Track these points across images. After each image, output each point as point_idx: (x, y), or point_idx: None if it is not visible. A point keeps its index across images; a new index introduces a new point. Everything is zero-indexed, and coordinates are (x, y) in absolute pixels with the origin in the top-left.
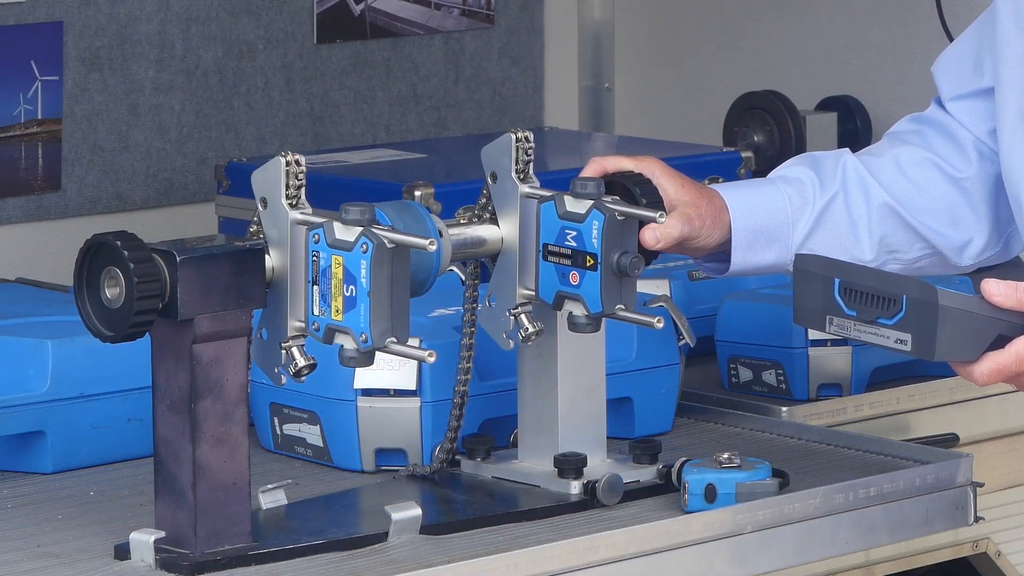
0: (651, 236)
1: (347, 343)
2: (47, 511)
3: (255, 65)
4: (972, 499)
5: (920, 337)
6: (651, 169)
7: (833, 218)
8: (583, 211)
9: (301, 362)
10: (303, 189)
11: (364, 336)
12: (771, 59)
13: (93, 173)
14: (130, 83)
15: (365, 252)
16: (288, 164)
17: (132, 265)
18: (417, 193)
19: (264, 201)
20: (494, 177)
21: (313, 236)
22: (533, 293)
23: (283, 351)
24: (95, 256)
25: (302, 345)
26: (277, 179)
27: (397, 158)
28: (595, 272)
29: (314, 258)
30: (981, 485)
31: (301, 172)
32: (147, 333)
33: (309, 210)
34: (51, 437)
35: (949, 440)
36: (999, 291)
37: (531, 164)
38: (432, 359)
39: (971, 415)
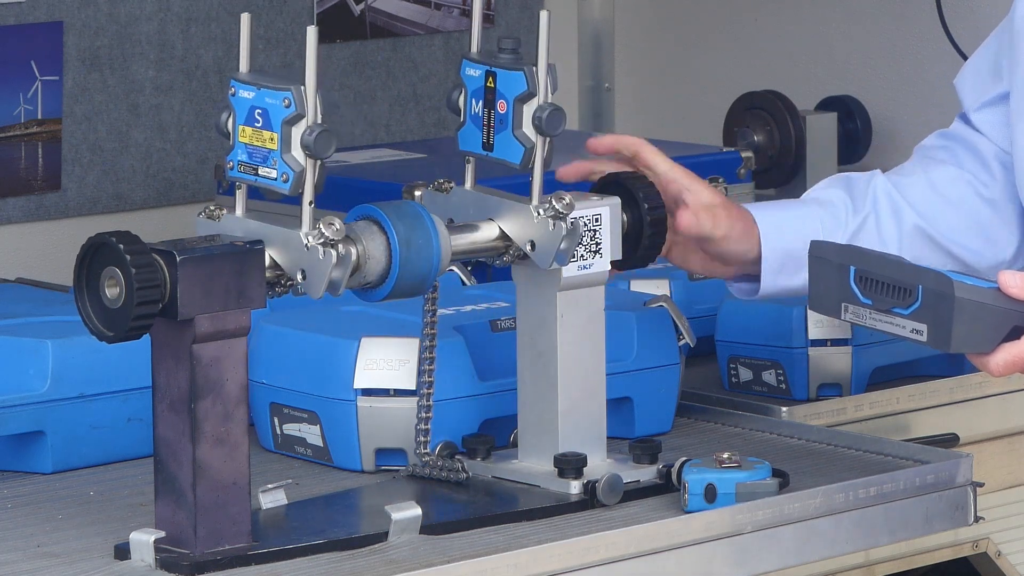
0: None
1: (296, 131)
2: (47, 511)
3: (255, 65)
4: (972, 499)
5: (936, 328)
6: (683, 175)
7: (864, 241)
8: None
9: (331, 233)
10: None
11: (287, 102)
12: (771, 59)
13: (93, 173)
14: (130, 83)
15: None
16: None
17: (132, 264)
18: (417, 193)
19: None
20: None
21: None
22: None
23: (319, 249)
24: (95, 256)
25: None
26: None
27: (397, 158)
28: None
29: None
30: (981, 485)
31: (218, 213)
32: (147, 333)
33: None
34: (51, 437)
35: (949, 440)
36: (1015, 283)
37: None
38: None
39: (971, 415)
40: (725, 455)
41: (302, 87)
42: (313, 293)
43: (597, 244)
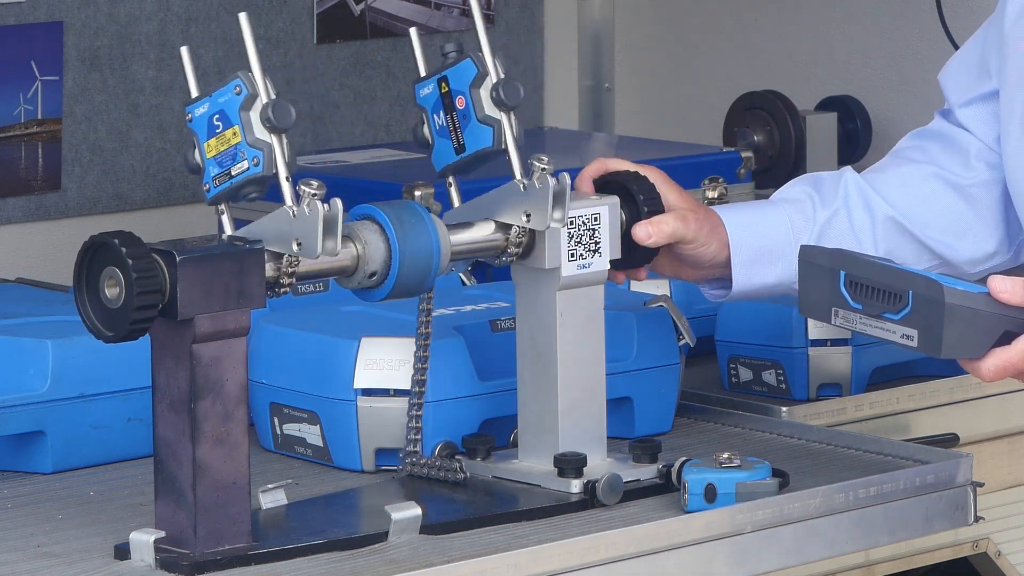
0: (643, 231)
1: (254, 113)
2: (47, 511)
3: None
4: (972, 499)
5: (926, 333)
6: (653, 177)
7: (836, 234)
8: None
9: (313, 189)
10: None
11: (238, 88)
12: (771, 59)
13: (93, 173)
14: (130, 83)
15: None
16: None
17: (132, 264)
18: (417, 193)
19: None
20: None
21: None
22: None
23: (305, 208)
24: (95, 256)
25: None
26: None
27: (397, 158)
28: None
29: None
30: (981, 485)
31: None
32: (147, 333)
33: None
34: (51, 437)
35: (949, 440)
36: (1006, 288)
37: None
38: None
39: (971, 415)
40: (725, 455)
41: (248, 72)
42: (310, 252)
43: (596, 243)
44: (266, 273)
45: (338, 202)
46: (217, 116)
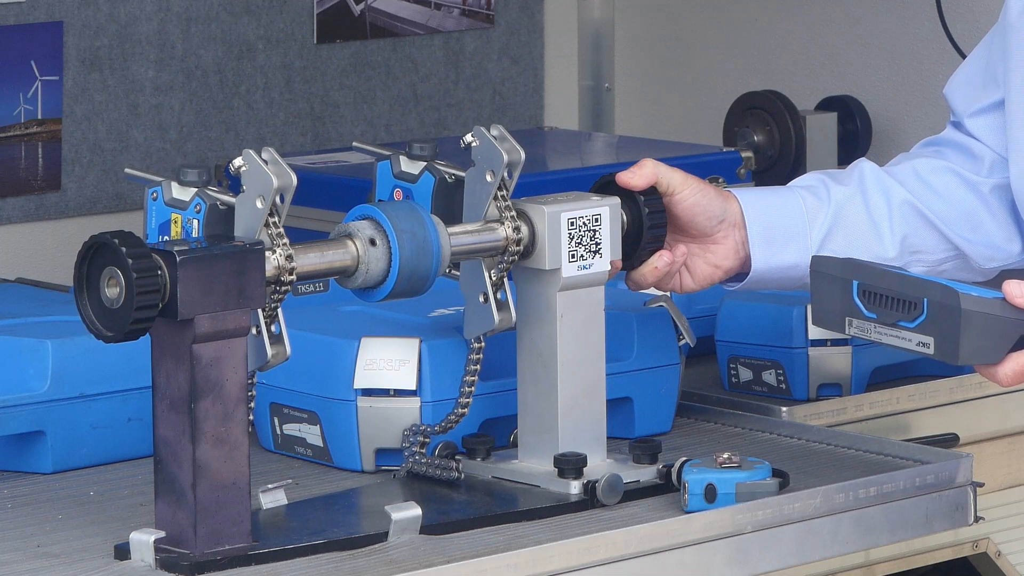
0: (626, 174)
1: (175, 190)
2: (47, 511)
3: (255, 65)
4: (972, 499)
5: (943, 341)
6: (650, 164)
7: (852, 217)
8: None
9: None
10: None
11: (155, 195)
12: (771, 59)
13: (93, 173)
14: (130, 83)
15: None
16: None
17: (132, 264)
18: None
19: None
20: None
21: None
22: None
23: (242, 173)
24: (95, 256)
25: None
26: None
27: None
28: None
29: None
30: (981, 485)
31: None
32: (147, 333)
33: None
34: (51, 437)
35: (949, 440)
36: (1021, 292)
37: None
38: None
39: (971, 415)
40: (725, 455)
41: (150, 185)
42: (267, 189)
43: (597, 244)
44: (266, 273)
45: (269, 149)
46: (161, 235)
